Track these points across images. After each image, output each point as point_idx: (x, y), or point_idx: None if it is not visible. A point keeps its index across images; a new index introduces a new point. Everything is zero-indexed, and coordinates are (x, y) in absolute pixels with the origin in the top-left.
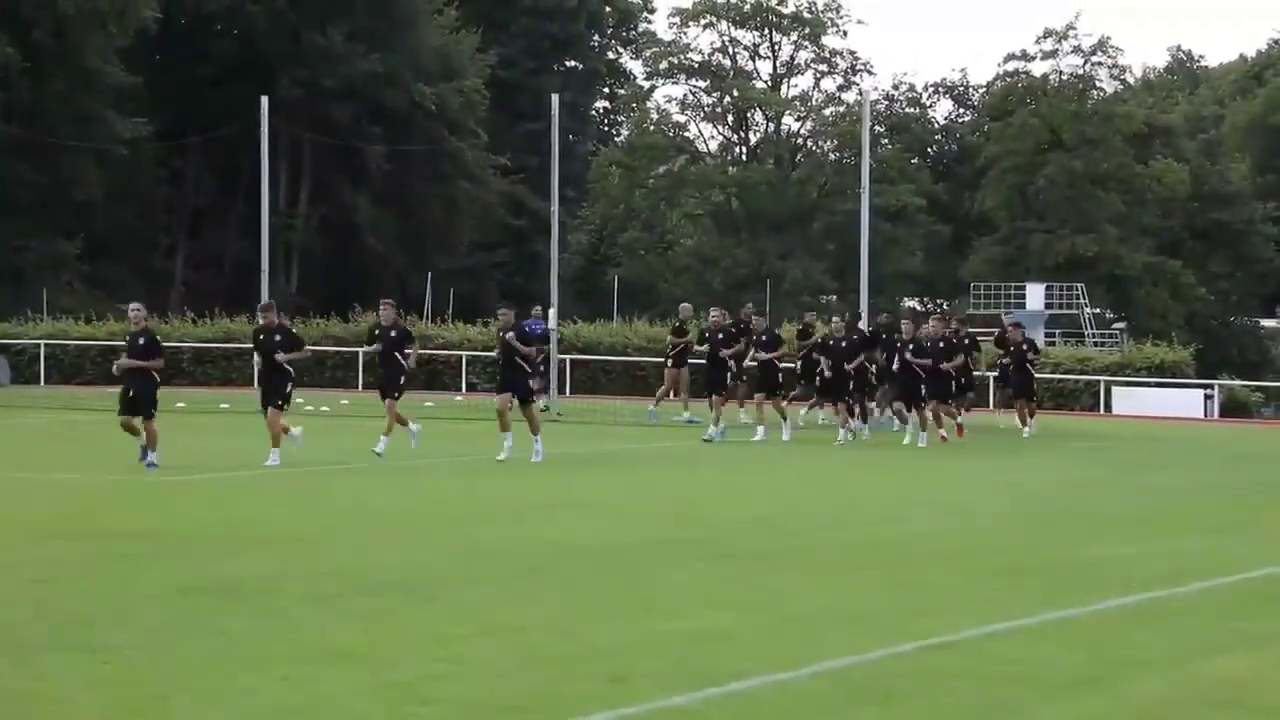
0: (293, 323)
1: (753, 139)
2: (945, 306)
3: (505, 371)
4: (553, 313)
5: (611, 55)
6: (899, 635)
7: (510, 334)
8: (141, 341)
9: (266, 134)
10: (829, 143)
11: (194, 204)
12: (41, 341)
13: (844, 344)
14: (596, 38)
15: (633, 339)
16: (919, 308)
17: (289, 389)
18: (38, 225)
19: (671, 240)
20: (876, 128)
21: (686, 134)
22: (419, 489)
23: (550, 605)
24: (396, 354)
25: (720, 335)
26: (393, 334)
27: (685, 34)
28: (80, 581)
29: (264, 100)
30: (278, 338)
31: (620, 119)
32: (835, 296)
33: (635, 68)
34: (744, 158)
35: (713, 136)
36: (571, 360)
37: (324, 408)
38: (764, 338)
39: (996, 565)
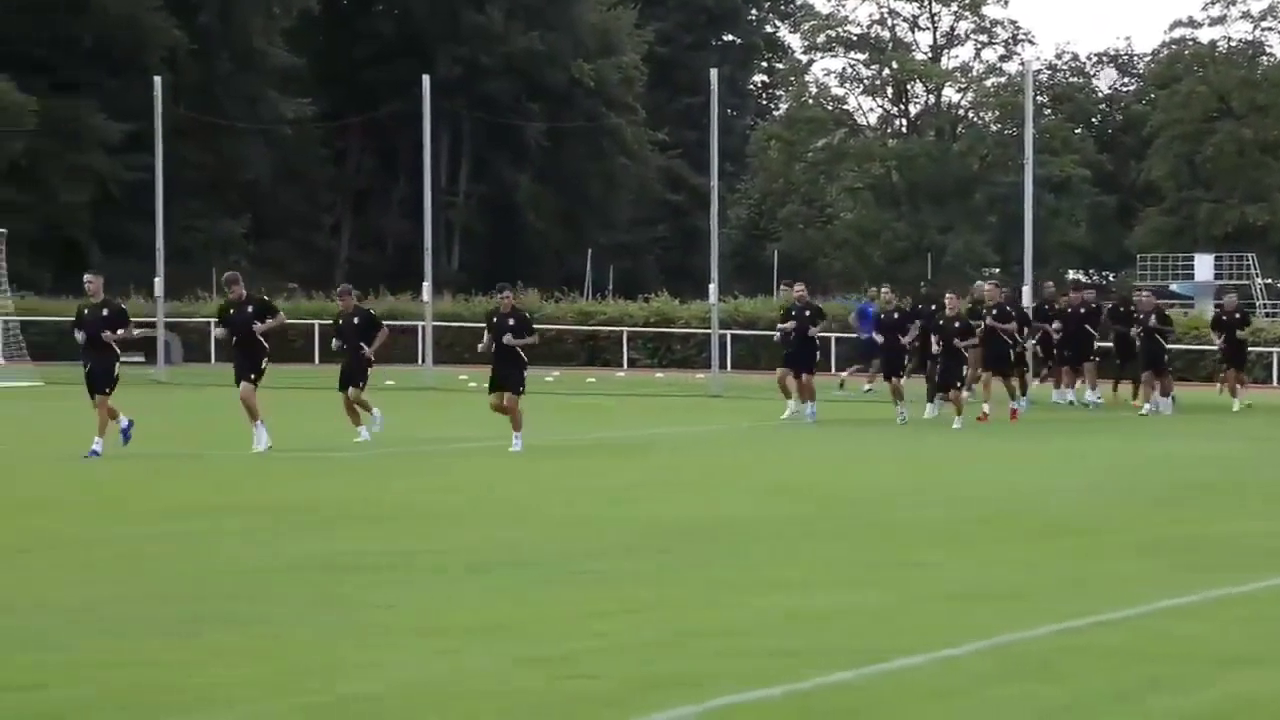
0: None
1: (913, 111)
2: (1111, 278)
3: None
4: (713, 288)
5: (769, 29)
6: (1057, 611)
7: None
8: (105, 313)
9: (428, 113)
10: (990, 114)
11: (357, 183)
12: (211, 320)
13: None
14: (754, 11)
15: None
16: (1083, 279)
17: (264, 364)
18: (206, 205)
19: (831, 214)
20: (1039, 98)
21: (845, 107)
22: (555, 466)
23: (700, 580)
24: (362, 344)
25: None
26: (355, 322)
27: (843, 6)
28: (232, 556)
29: (425, 79)
30: (250, 309)
31: (779, 93)
32: (998, 269)
33: (793, 41)
34: (904, 130)
35: (872, 109)
36: (731, 335)
37: (472, 384)
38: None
39: (1140, 541)
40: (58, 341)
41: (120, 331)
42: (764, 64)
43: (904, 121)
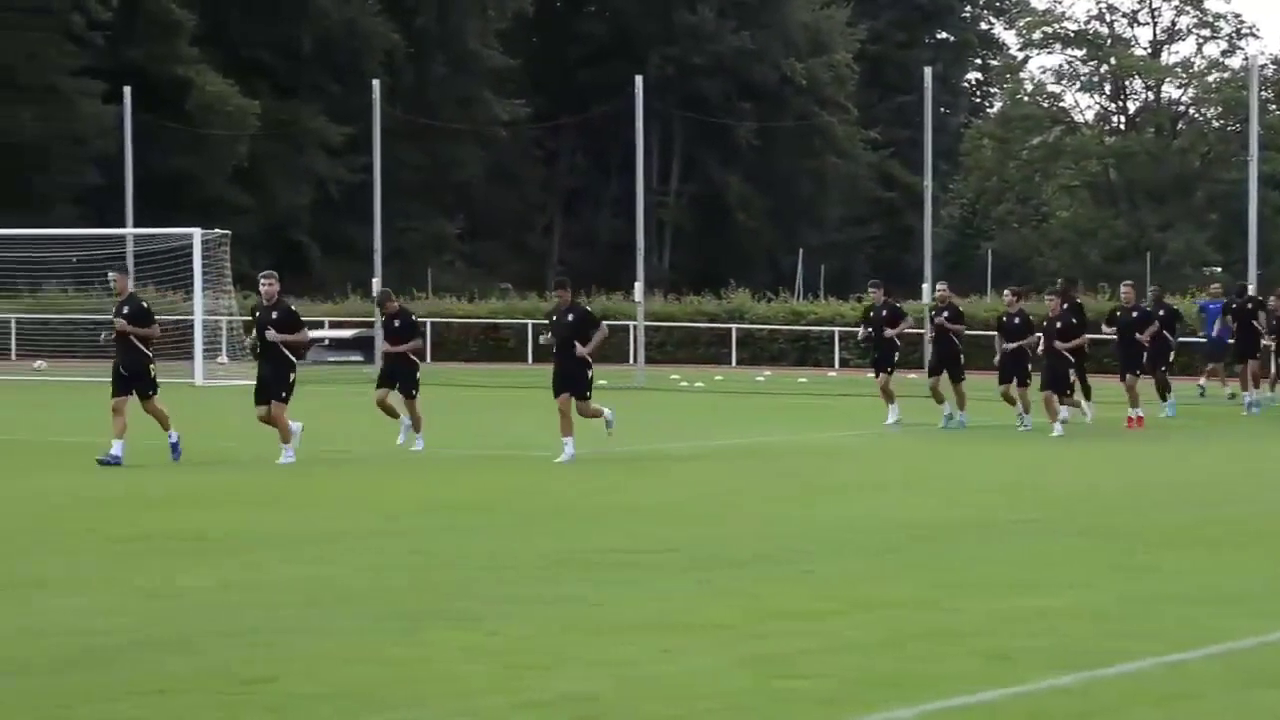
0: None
1: (1131, 108)
2: None
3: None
4: (926, 288)
5: (984, 25)
6: None
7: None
8: (275, 315)
9: (640, 113)
10: (1212, 110)
11: (569, 183)
12: (427, 320)
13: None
14: (968, 8)
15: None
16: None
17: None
18: (421, 206)
19: (1046, 213)
20: (1263, 93)
21: (1062, 104)
22: (774, 465)
23: (917, 581)
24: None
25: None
26: (274, 315)
27: (1060, 2)
28: (456, 552)
29: (638, 79)
30: (275, 315)
31: (993, 90)
32: (1220, 268)
33: (1008, 38)
34: (1122, 127)
35: (1089, 106)
36: None
37: (698, 383)
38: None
39: None
40: None
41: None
42: (978, 61)
43: (1122, 118)
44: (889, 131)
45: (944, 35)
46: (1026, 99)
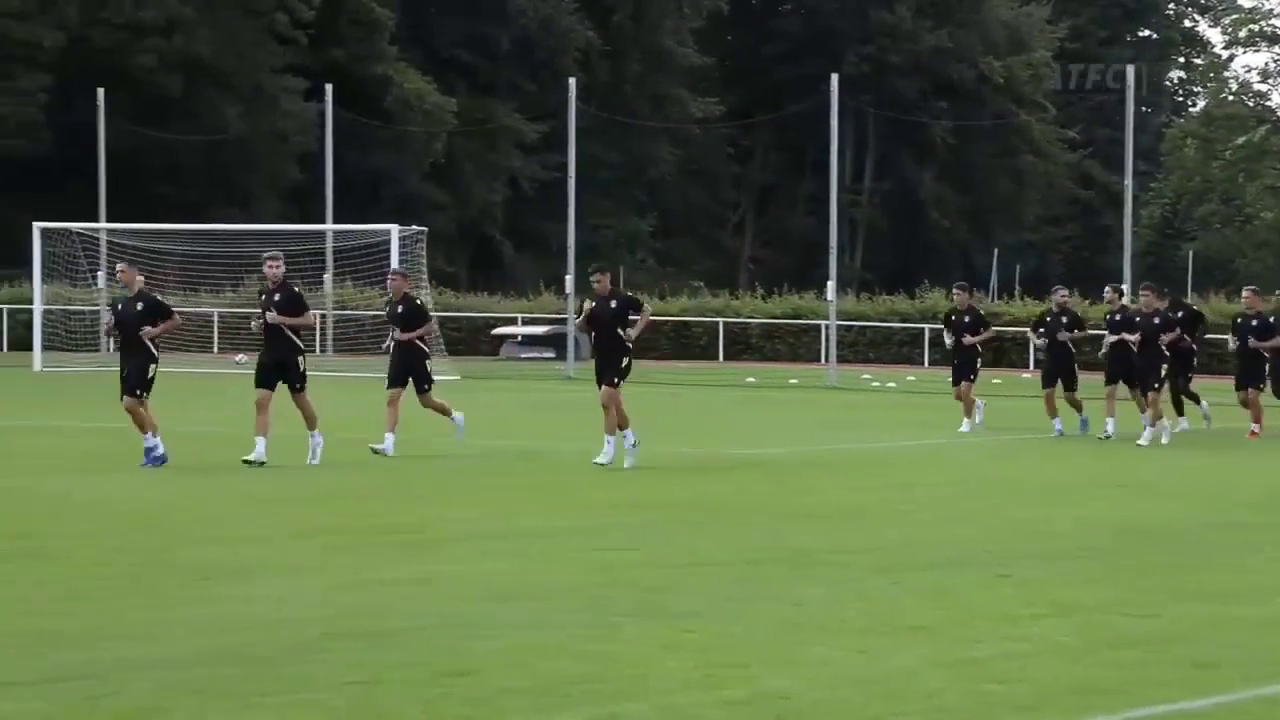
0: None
1: None
2: None
3: None
4: (1125, 289)
5: (1188, 23)
6: None
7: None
8: (278, 297)
9: (835, 111)
10: None
11: (762, 181)
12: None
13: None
14: (1172, 5)
15: (1211, 317)
16: None
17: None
18: (615, 203)
19: (1250, 214)
20: None
21: (1268, 103)
22: (963, 466)
23: (1121, 587)
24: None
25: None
26: (277, 298)
27: (1268, 0)
28: (653, 550)
29: (833, 77)
30: (278, 298)
31: (1196, 89)
32: None
33: (1213, 36)
34: None
35: None
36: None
37: (890, 383)
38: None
39: None
40: (472, 336)
41: (158, 327)
42: (1181, 59)
43: None
44: (1088, 130)
45: (1147, 33)
46: (1231, 98)
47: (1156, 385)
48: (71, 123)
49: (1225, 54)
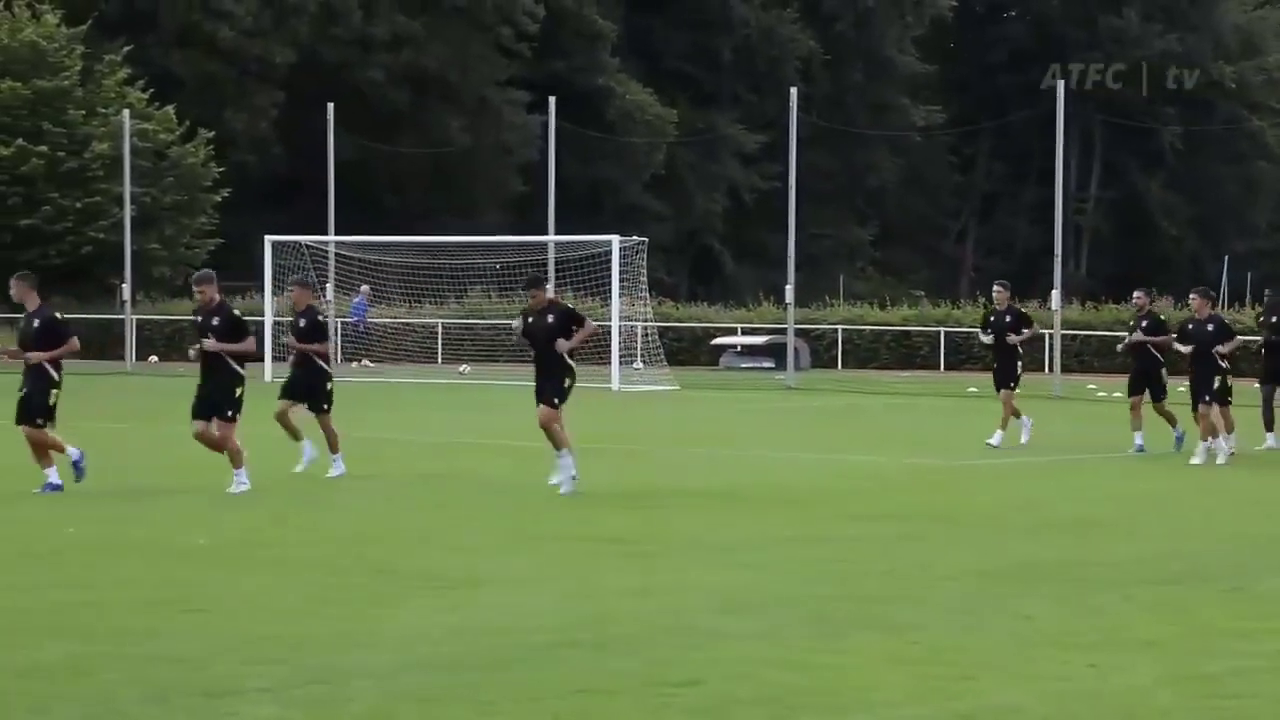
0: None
1: None
2: None
3: None
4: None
5: None
6: None
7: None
8: (215, 321)
9: (1061, 118)
10: None
11: (984, 189)
12: (839, 326)
13: None
14: None
15: None
16: None
17: (238, 393)
18: (834, 213)
19: None
20: None
21: None
22: (1187, 475)
23: None
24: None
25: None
26: (215, 322)
27: None
28: (880, 561)
29: (1059, 84)
30: (215, 320)
31: None
32: None
33: None
34: None
35: None
36: None
37: (1116, 393)
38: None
39: None
40: (692, 346)
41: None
42: None
43: None
44: None
45: None
46: None
47: (1209, 398)
48: (302, 137)
49: None
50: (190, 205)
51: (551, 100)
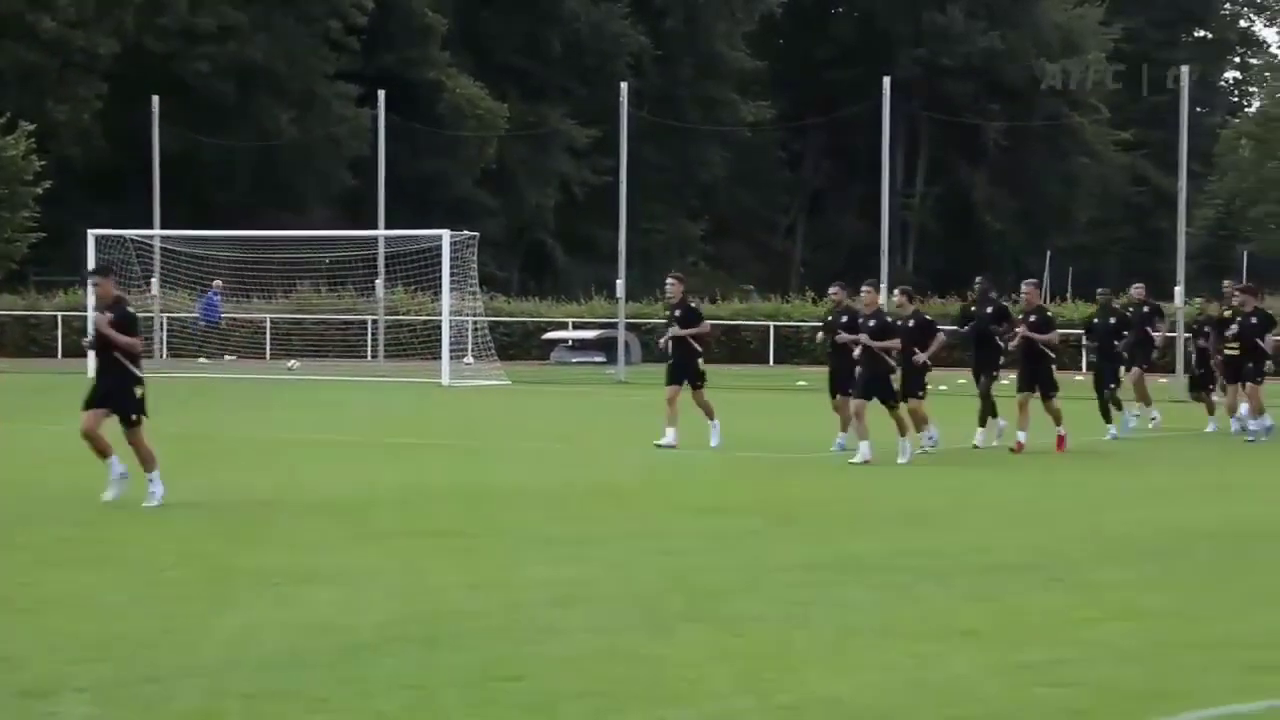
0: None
1: None
2: None
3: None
4: (1179, 291)
5: (1243, 24)
6: None
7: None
8: (111, 317)
9: (887, 114)
10: None
11: (813, 185)
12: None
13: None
14: (1228, 6)
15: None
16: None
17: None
18: (666, 207)
19: None
20: None
21: None
22: (1033, 473)
23: (1180, 591)
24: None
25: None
26: (110, 318)
27: None
28: (709, 554)
29: (885, 80)
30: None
31: (1252, 89)
32: None
33: (1269, 36)
34: None
35: None
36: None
37: (942, 386)
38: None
39: None
40: (523, 341)
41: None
42: (1237, 60)
43: None
44: (1142, 132)
45: (1202, 34)
46: None
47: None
48: (126, 130)
49: None
50: (10, 199)
51: (381, 94)
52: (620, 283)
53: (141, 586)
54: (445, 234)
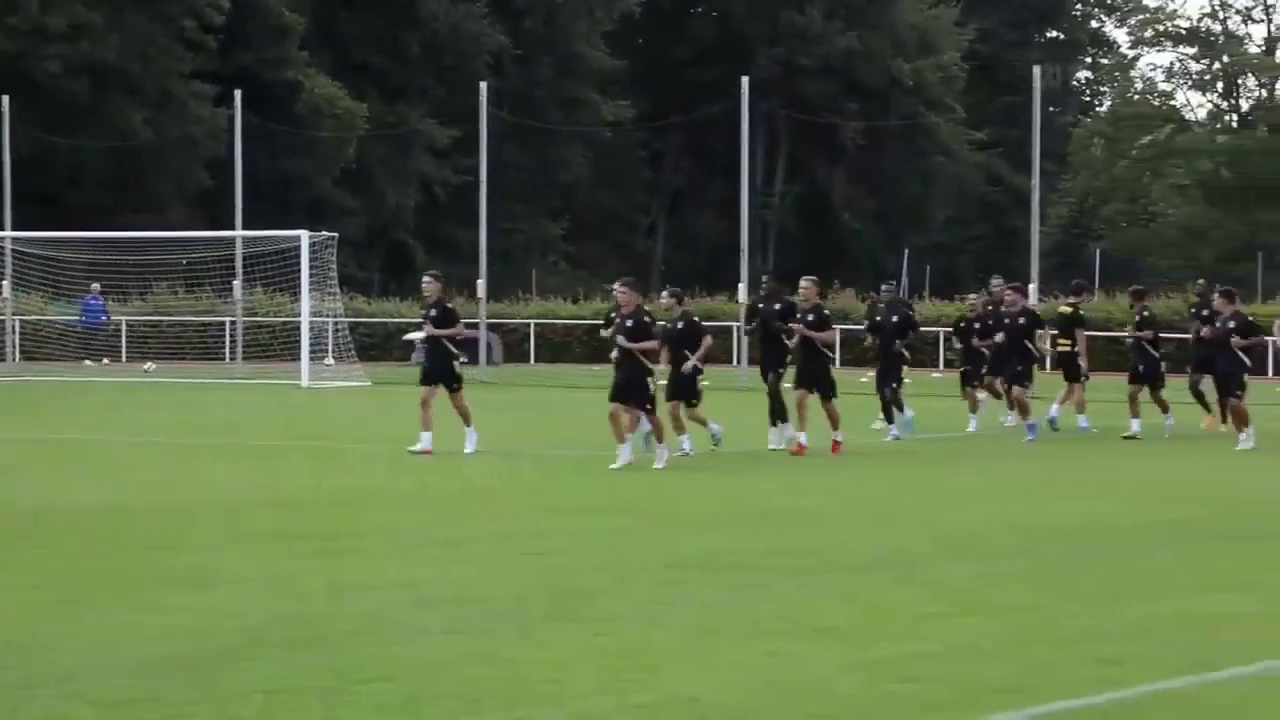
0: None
1: (1244, 106)
2: None
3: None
4: (1033, 289)
5: (1094, 24)
6: None
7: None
8: (433, 313)
9: (746, 114)
10: None
11: (673, 184)
12: (531, 321)
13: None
14: (1079, 6)
15: (1115, 314)
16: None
17: None
18: (527, 207)
19: (1156, 212)
20: None
21: (1173, 102)
22: (897, 473)
23: (1033, 586)
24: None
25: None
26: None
27: (1172, 0)
28: (573, 554)
29: (744, 80)
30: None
31: (1103, 89)
32: None
33: (1119, 36)
34: (1235, 125)
35: (1201, 104)
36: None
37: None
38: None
39: None
40: (384, 341)
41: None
42: (1088, 60)
43: (1235, 117)
44: (997, 131)
45: (1055, 34)
46: (1137, 97)
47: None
48: None
49: (1131, 54)
50: None
51: (238, 94)
52: (481, 283)
53: (23, 594)
54: (304, 234)
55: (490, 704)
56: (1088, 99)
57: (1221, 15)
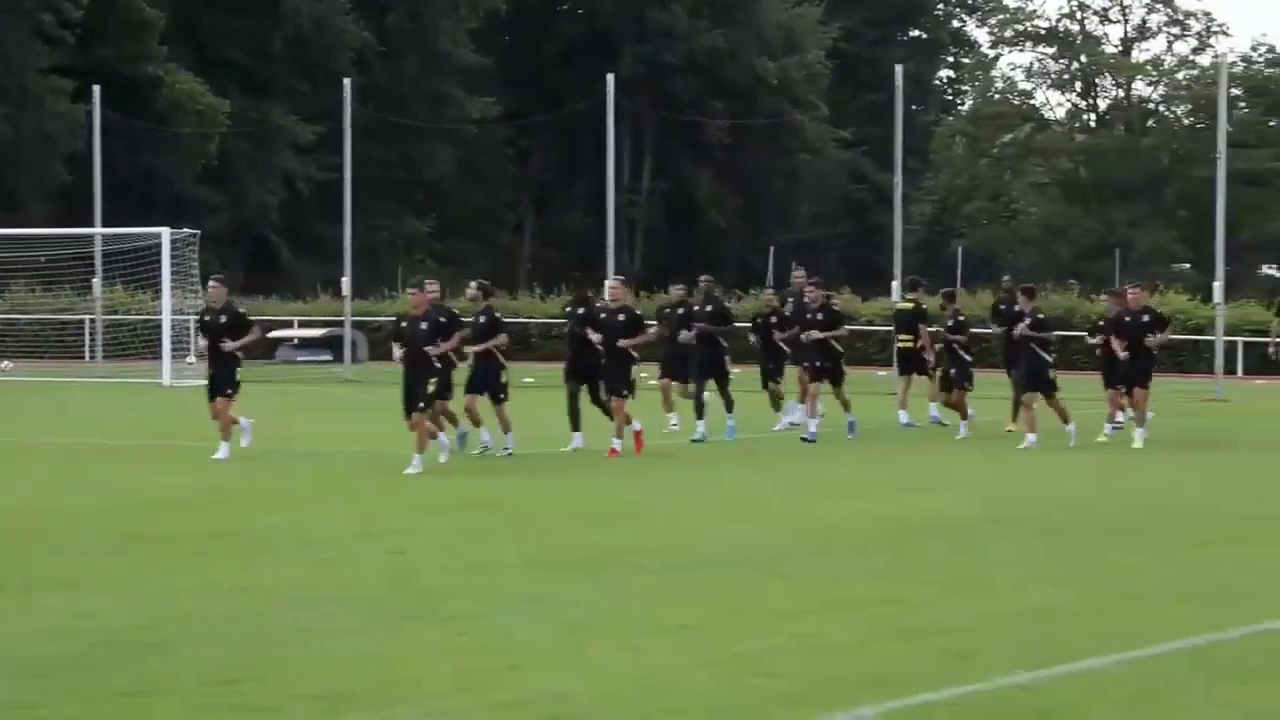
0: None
1: (1102, 105)
2: None
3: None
4: (895, 285)
5: (955, 24)
6: (1256, 614)
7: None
8: (224, 320)
9: (612, 111)
10: (1182, 107)
11: (540, 181)
12: (396, 318)
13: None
14: (940, 6)
15: (976, 310)
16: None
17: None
18: (392, 204)
19: (1016, 210)
20: (1233, 91)
21: (1032, 101)
22: (763, 468)
23: (891, 581)
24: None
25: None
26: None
27: (1032, 0)
28: (436, 553)
29: (609, 77)
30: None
31: (964, 88)
32: (1189, 265)
33: (980, 36)
34: (1093, 124)
35: (1060, 104)
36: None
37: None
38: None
39: None
40: None
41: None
42: (949, 59)
43: (1093, 116)
44: (860, 130)
45: (916, 33)
46: (997, 96)
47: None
48: None
49: (991, 53)
50: None
51: (96, 89)
52: (346, 280)
53: None
54: (165, 231)
55: (351, 704)
56: (949, 98)
57: (1079, 16)
